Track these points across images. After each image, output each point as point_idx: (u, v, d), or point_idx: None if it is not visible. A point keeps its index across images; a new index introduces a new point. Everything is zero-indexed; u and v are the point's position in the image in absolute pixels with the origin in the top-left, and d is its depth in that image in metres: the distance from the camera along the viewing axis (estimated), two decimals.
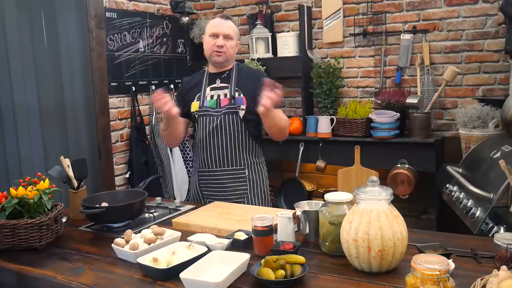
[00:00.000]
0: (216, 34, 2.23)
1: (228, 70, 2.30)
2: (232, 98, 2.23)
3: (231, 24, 2.27)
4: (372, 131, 3.46)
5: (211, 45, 2.24)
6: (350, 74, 3.80)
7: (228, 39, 2.24)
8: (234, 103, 2.22)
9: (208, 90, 2.29)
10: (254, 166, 2.30)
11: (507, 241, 1.36)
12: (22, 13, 2.95)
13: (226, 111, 2.22)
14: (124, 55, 3.62)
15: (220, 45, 2.21)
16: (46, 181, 1.77)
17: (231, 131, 2.23)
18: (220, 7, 4.29)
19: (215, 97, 2.26)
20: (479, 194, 2.19)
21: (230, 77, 2.28)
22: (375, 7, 3.62)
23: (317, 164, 3.66)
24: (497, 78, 3.31)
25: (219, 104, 2.25)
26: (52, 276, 1.47)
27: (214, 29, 2.24)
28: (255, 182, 2.30)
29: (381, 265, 1.35)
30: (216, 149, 2.24)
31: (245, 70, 2.36)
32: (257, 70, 2.47)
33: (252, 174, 2.29)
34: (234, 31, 2.27)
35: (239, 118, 2.22)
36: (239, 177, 2.26)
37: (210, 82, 2.31)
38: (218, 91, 2.27)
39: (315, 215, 1.62)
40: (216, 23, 2.26)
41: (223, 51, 2.23)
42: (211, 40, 2.24)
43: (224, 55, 2.24)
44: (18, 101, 2.95)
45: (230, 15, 2.36)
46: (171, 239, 1.62)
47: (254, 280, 1.34)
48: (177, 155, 3.95)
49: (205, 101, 2.27)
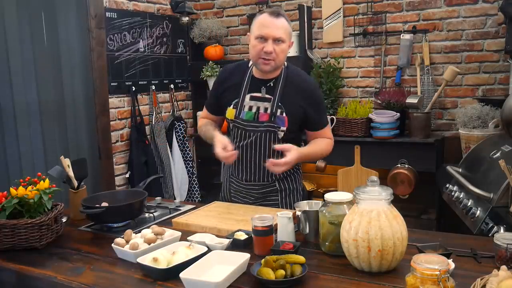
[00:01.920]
0: (264, 37, 1.87)
1: (275, 78, 2.00)
2: (272, 115, 1.97)
3: (284, 22, 1.90)
4: (372, 131, 3.45)
5: (258, 50, 1.89)
6: (350, 74, 3.80)
7: (279, 43, 1.89)
8: (274, 122, 1.97)
9: (248, 98, 2.01)
10: (287, 177, 2.11)
11: (507, 241, 1.36)
12: (22, 13, 2.95)
13: (264, 129, 1.98)
14: (124, 55, 3.62)
15: (269, 51, 1.87)
16: (46, 181, 1.76)
17: (267, 149, 2.00)
18: (220, 7, 4.29)
19: (253, 109, 2.00)
20: (479, 194, 2.19)
21: (276, 87, 1.98)
22: (375, 7, 3.62)
23: (317, 164, 3.66)
24: (497, 78, 3.31)
25: (257, 118, 1.99)
26: (52, 276, 1.47)
27: (262, 30, 1.88)
28: (288, 192, 2.12)
29: (381, 265, 1.35)
30: (249, 164, 2.06)
31: (295, 79, 2.01)
32: (309, 84, 2.03)
33: (284, 184, 2.11)
34: (286, 32, 1.91)
35: (277, 138, 1.99)
36: (270, 190, 2.10)
37: (252, 89, 2.01)
38: (259, 103, 1.99)
39: (315, 215, 1.62)
40: (265, 21, 1.88)
41: (272, 58, 1.89)
42: (258, 44, 1.89)
43: (273, 63, 1.91)
44: (18, 101, 2.95)
45: (282, 10, 2.00)
46: (171, 239, 1.62)
47: (254, 280, 1.34)
48: (177, 155, 3.96)
49: (242, 112, 2.01)
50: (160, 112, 3.91)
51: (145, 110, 3.81)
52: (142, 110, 3.76)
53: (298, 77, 2.03)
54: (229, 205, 2.11)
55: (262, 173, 2.06)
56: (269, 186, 2.10)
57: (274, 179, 2.08)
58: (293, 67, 2.08)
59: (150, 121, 3.82)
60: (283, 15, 1.91)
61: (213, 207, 2.09)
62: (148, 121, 3.82)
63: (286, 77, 2.00)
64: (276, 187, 2.10)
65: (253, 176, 2.08)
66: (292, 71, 2.04)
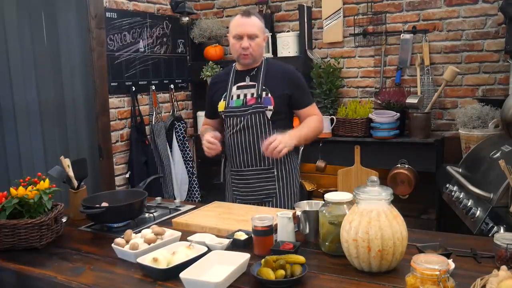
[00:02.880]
0: (240, 35, 2.13)
1: (256, 67, 2.22)
2: (258, 97, 2.16)
3: (255, 20, 2.16)
4: (372, 131, 3.46)
5: (236, 47, 2.15)
6: (350, 74, 3.80)
7: (253, 39, 2.14)
8: (261, 102, 2.16)
9: (235, 89, 2.22)
10: (283, 165, 2.24)
11: (507, 241, 1.36)
12: (22, 13, 2.95)
13: (253, 111, 2.16)
14: (124, 55, 3.62)
15: (245, 46, 2.13)
16: (46, 181, 1.77)
17: (258, 131, 2.17)
18: (220, 7, 4.29)
19: (241, 97, 2.20)
20: (479, 194, 2.19)
21: (258, 75, 2.20)
22: (375, 7, 3.62)
23: (317, 164, 3.66)
24: (497, 78, 3.31)
25: (245, 103, 2.18)
26: (52, 276, 1.47)
27: (237, 29, 2.14)
28: (285, 181, 2.24)
29: (381, 265, 1.35)
30: (244, 149, 2.20)
31: (275, 67, 2.25)
32: (288, 68, 2.26)
33: (281, 172, 2.23)
34: (259, 28, 2.16)
35: (267, 117, 2.16)
36: (267, 176, 2.21)
37: (237, 80, 2.24)
38: (245, 90, 2.20)
39: (315, 215, 1.62)
40: (238, 22, 2.15)
41: (249, 52, 2.14)
42: (236, 42, 2.15)
43: (251, 56, 2.16)
44: (18, 101, 2.95)
45: (253, 11, 2.24)
46: (171, 239, 1.62)
47: (254, 280, 1.34)
48: (177, 155, 3.96)
49: (231, 101, 2.21)
50: (160, 112, 3.91)
51: (145, 110, 3.81)
52: (142, 110, 3.76)
53: (278, 65, 2.28)
54: (229, 205, 2.12)
55: (258, 157, 2.19)
56: (267, 171, 2.20)
57: (271, 164, 2.20)
58: (272, 59, 2.40)
59: (150, 121, 3.82)
60: (254, 14, 2.18)
61: (213, 207, 2.09)
62: (148, 121, 3.82)
63: (267, 65, 2.24)
64: (274, 173, 2.21)
65: (250, 160, 2.20)
66: (271, 61, 2.29)
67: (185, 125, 4.04)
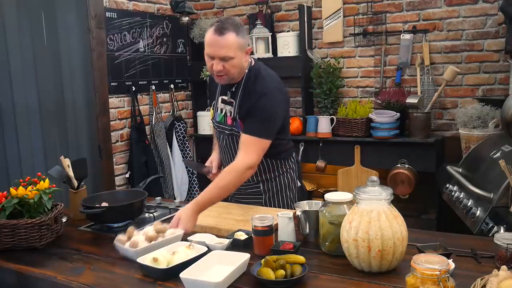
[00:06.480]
0: (210, 56, 1.87)
1: (237, 83, 2.00)
2: (234, 120, 2.01)
3: (229, 39, 1.82)
4: (372, 131, 3.46)
5: (209, 66, 1.91)
6: (350, 74, 3.80)
7: (226, 61, 1.85)
8: (236, 126, 2.01)
9: (220, 101, 2.09)
10: (270, 182, 2.11)
11: (507, 241, 1.37)
12: (22, 13, 2.95)
13: (229, 133, 2.06)
14: (124, 55, 3.62)
15: (217, 70, 1.87)
16: (46, 181, 1.77)
17: (236, 153, 1.98)
18: (220, 7, 4.29)
19: (223, 112, 2.08)
20: (479, 194, 2.19)
21: (237, 93, 2.00)
22: (375, 7, 3.62)
23: (317, 164, 3.66)
24: (497, 78, 3.31)
25: (225, 121, 2.07)
26: (52, 276, 1.47)
27: (208, 49, 1.87)
28: (272, 195, 2.12)
29: (381, 265, 1.35)
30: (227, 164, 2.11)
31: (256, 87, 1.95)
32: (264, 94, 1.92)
33: (268, 187, 2.12)
34: (233, 48, 1.84)
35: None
36: (254, 191, 2.13)
37: (222, 92, 2.08)
38: (227, 107, 2.06)
39: (315, 215, 1.62)
40: (209, 41, 1.85)
41: (223, 74, 1.89)
42: (209, 60, 1.89)
43: (226, 77, 1.91)
44: (18, 101, 2.94)
45: (228, 25, 1.85)
46: (173, 237, 1.62)
47: (254, 280, 1.34)
48: (177, 155, 3.95)
49: (217, 114, 2.12)
50: (160, 112, 3.91)
51: (145, 110, 3.81)
52: (142, 110, 3.76)
53: (255, 81, 1.97)
54: (229, 205, 2.12)
55: None
56: (252, 187, 2.13)
57: (257, 180, 2.10)
58: (256, 68, 2.01)
59: (150, 121, 3.82)
60: (228, 29, 1.83)
61: (213, 207, 2.08)
62: (148, 121, 3.82)
63: (247, 81, 1.98)
64: (260, 188, 2.12)
65: None
66: (252, 74, 1.98)
67: (185, 125, 4.04)
